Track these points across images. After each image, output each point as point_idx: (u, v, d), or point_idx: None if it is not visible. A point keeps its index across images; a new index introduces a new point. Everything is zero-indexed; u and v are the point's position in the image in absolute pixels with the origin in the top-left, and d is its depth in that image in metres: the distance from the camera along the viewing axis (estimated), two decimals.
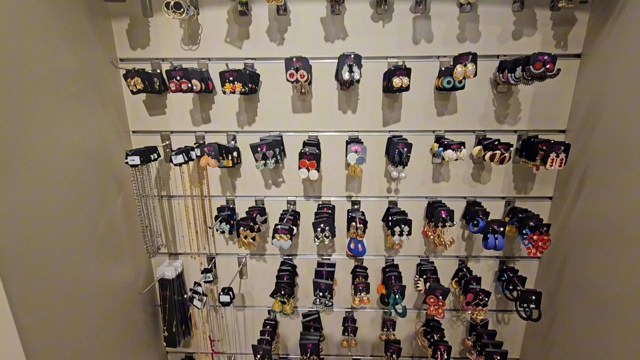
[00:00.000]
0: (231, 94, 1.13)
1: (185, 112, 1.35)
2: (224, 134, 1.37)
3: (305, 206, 1.45)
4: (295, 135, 1.36)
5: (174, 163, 1.19)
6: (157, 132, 1.38)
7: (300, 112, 1.34)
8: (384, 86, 1.27)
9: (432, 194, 1.41)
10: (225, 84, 1.09)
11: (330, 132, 1.35)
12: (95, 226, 1.16)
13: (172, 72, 1.11)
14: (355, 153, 1.12)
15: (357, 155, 1.12)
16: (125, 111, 1.36)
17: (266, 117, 1.34)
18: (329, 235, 1.21)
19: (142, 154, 1.18)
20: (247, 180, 1.42)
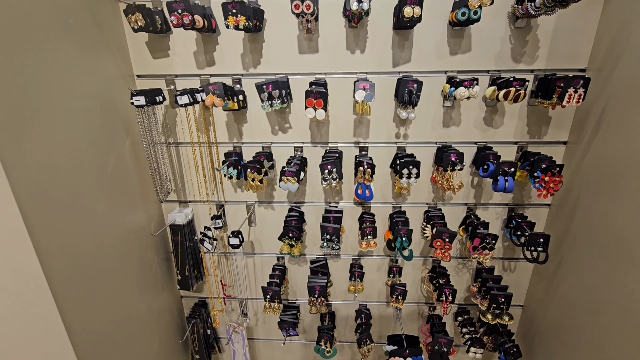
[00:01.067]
0: (235, 29, 1.09)
1: (189, 54, 1.32)
2: (229, 77, 1.34)
3: (313, 152, 1.43)
4: (301, 77, 1.32)
5: (179, 104, 1.18)
6: (162, 76, 1.36)
7: (306, 53, 1.29)
8: (394, 22, 1.21)
9: (442, 139, 1.38)
10: (229, 17, 1.05)
11: (338, 74, 1.31)
12: (105, 167, 1.17)
13: (172, 4, 1.07)
14: (364, 90, 1.09)
15: (365, 92, 1.09)
16: (129, 54, 1.33)
17: (272, 58, 1.30)
18: (336, 177, 1.21)
19: (147, 94, 1.17)
20: (254, 125, 1.40)
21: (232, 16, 1.05)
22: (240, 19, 1.05)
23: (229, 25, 1.07)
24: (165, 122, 1.40)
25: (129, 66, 1.33)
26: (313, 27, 1.20)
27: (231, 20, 1.05)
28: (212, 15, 1.23)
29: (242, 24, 1.06)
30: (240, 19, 1.05)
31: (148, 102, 1.17)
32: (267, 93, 1.13)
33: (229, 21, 1.06)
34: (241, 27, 1.07)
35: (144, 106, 1.17)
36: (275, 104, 1.15)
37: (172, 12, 1.07)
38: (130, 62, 1.34)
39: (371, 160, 1.32)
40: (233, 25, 1.06)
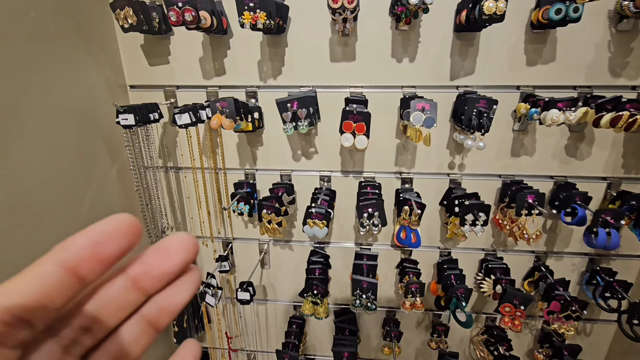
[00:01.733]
0: (252, 29, 0.82)
1: (194, 60, 1.06)
2: (242, 90, 1.07)
3: (343, 183, 1.15)
4: (333, 92, 1.05)
5: (178, 124, 0.92)
6: (160, 87, 1.10)
7: (340, 61, 1.02)
8: (457, 23, 0.93)
9: (509, 172, 1.09)
10: (244, 13, 0.79)
11: (379, 88, 1.03)
12: (79, 204, 0.91)
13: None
14: (422, 112, 0.81)
15: (424, 114, 0.81)
16: (120, 60, 1.08)
17: (296, 67, 1.04)
18: (378, 224, 0.92)
19: (137, 111, 0.91)
20: (271, 149, 1.13)
21: (249, 12, 0.79)
22: (260, 15, 0.78)
23: (244, 24, 0.80)
24: (163, 143, 1.14)
25: (119, 74, 1.08)
26: (351, 28, 0.93)
27: (247, 17, 0.79)
28: (223, 12, 0.97)
29: (261, 21, 0.79)
30: (260, 15, 0.78)
31: (139, 121, 0.91)
32: (292, 113, 0.85)
33: (245, 18, 0.79)
34: (260, 26, 0.80)
35: (134, 126, 0.91)
36: (301, 125, 0.87)
37: (170, 5, 0.81)
38: (121, 70, 1.09)
39: (419, 198, 1.03)
40: (250, 23, 0.80)
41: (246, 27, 0.80)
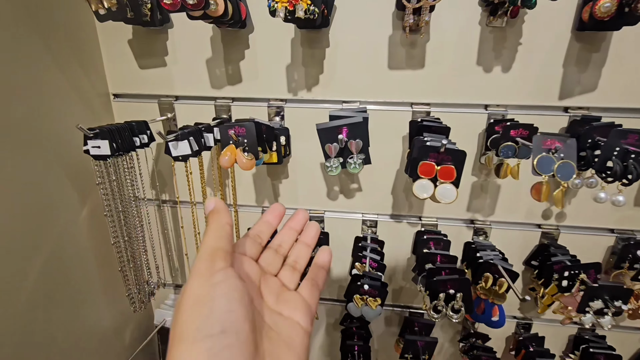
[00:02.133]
0: (285, 20, 0.54)
1: (199, 62, 0.78)
2: (264, 103, 0.79)
3: (393, 231, 0.86)
4: (389, 110, 0.76)
5: (173, 156, 0.64)
6: (153, 98, 0.82)
7: (402, 68, 0.73)
8: (581, 19, 0.64)
9: (624, 226, 0.79)
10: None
11: (455, 107, 0.74)
12: (28, 266, 0.63)
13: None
14: (553, 154, 0.51)
15: (557, 158, 0.51)
16: (101, 59, 0.80)
17: (339, 74, 0.75)
18: (460, 308, 0.63)
19: (115, 135, 0.63)
20: (299, 183, 0.85)
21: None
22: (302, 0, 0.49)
23: (276, 10, 0.51)
24: (155, 172, 0.87)
25: (100, 80, 0.80)
26: (423, 22, 0.64)
27: (282, 1, 0.50)
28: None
29: (302, 7, 0.51)
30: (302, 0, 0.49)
31: (117, 149, 0.63)
32: (340, 143, 0.57)
33: (278, 2, 0.51)
34: (300, 13, 0.52)
35: (109, 157, 0.63)
36: (353, 163, 0.59)
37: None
38: (102, 73, 0.81)
39: (507, 262, 0.74)
40: (285, 9, 0.51)
41: (278, 14, 0.51)
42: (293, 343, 0.26)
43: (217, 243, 0.26)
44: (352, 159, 0.59)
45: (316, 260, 0.36)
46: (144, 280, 0.78)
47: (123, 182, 0.68)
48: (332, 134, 0.57)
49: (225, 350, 0.20)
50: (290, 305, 0.29)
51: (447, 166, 0.55)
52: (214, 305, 0.21)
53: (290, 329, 0.27)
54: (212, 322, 0.20)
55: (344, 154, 0.60)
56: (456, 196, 0.57)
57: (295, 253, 0.36)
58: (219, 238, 0.26)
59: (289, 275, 0.33)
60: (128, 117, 0.82)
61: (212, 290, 0.22)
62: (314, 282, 0.34)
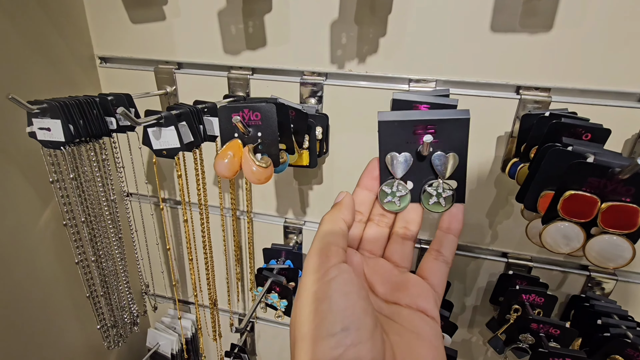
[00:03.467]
0: None
1: (209, 15, 0.55)
2: (296, 78, 0.55)
3: (463, 267, 0.62)
4: (483, 95, 0.50)
5: (154, 149, 0.42)
6: (149, 64, 0.61)
7: (514, 30, 0.46)
8: None
9: None
10: None
11: (598, 96, 0.47)
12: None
13: None
14: None
15: None
16: (83, 10, 0.60)
17: (410, 39, 0.49)
18: None
19: (74, 112, 0.43)
20: (336, 191, 0.62)
21: None
22: None
23: None
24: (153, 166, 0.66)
25: (82, 39, 0.60)
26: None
27: None
28: None
29: None
30: None
31: (78, 133, 0.43)
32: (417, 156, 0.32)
33: None
34: None
35: (65, 145, 0.42)
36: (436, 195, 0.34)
37: None
38: (85, 30, 0.61)
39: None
40: None
41: None
42: (423, 333, 0.23)
43: (330, 237, 0.24)
44: (436, 187, 0.34)
45: (441, 224, 0.28)
46: (124, 307, 0.59)
47: (91, 180, 0.48)
48: (402, 133, 0.33)
49: (350, 349, 0.19)
50: (407, 293, 0.25)
51: (622, 205, 0.30)
52: (332, 302, 0.20)
53: (415, 319, 0.24)
54: (332, 320, 0.19)
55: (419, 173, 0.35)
56: (632, 257, 0.31)
57: (404, 217, 0.29)
58: (331, 233, 0.24)
59: (399, 250, 0.28)
60: (118, 89, 0.62)
61: (328, 287, 0.21)
62: (438, 254, 0.27)
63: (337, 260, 0.22)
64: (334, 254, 0.23)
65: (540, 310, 0.53)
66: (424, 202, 0.34)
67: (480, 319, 0.64)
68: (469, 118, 0.30)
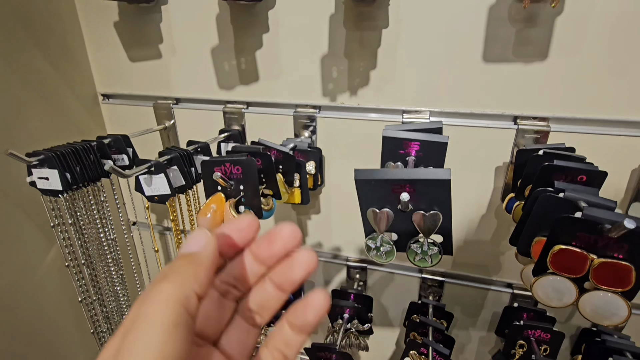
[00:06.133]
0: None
1: (203, 53, 0.56)
2: (290, 111, 0.55)
3: (464, 296, 0.60)
4: (478, 125, 0.48)
5: (147, 195, 0.43)
6: (149, 99, 0.63)
7: (507, 59, 0.45)
8: None
9: None
10: None
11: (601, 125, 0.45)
12: None
13: None
14: None
15: None
16: (85, 50, 0.62)
17: (401, 71, 0.49)
18: None
19: (70, 161, 0.44)
20: (335, 222, 0.61)
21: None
22: None
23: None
24: None
25: (85, 77, 0.62)
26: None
27: None
28: None
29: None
30: None
31: (75, 180, 0.44)
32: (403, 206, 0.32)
33: None
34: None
35: (63, 193, 0.44)
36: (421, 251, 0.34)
37: None
38: (88, 69, 0.63)
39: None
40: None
41: None
42: None
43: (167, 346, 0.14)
44: (420, 245, 0.34)
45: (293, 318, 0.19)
46: None
47: (88, 222, 0.49)
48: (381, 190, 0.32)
49: None
50: None
51: (614, 262, 0.28)
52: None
53: None
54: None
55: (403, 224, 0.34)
56: (627, 315, 0.29)
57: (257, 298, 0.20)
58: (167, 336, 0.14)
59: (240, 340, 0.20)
60: (121, 124, 0.65)
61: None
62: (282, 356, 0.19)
63: None
64: None
65: (547, 347, 0.51)
66: (410, 258, 0.34)
67: (485, 350, 0.62)
68: (449, 179, 0.29)
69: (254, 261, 0.19)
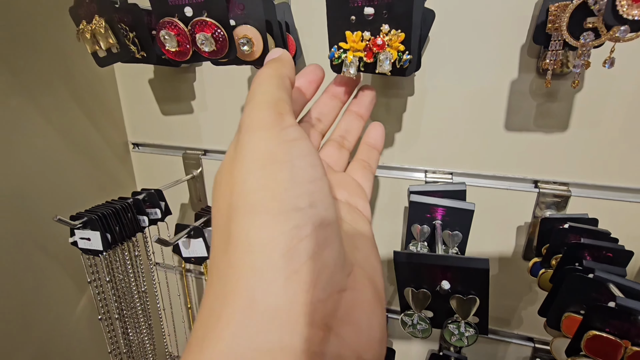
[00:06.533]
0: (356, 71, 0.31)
1: (233, 110, 0.59)
2: None
3: (487, 352, 0.60)
4: (499, 187, 0.50)
5: (184, 257, 0.45)
6: (178, 150, 0.65)
7: (529, 129, 0.47)
8: None
9: None
10: (342, 42, 0.28)
11: (617, 192, 0.47)
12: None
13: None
14: None
15: None
16: (119, 102, 0.65)
17: (425, 135, 0.51)
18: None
19: (112, 221, 0.46)
20: None
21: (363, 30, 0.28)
22: (392, 40, 0.27)
23: (342, 63, 0.29)
24: None
25: (118, 128, 0.65)
26: (583, 64, 0.37)
27: (356, 47, 0.28)
28: (290, 23, 0.48)
29: (390, 56, 0.28)
30: (392, 40, 0.27)
31: (114, 240, 0.46)
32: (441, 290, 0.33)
33: (346, 52, 0.29)
34: (386, 68, 0.29)
35: (103, 252, 0.46)
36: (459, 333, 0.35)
37: (162, 15, 0.34)
38: (122, 121, 0.66)
39: None
40: (358, 62, 0.29)
41: (349, 71, 0.29)
42: (363, 230, 0.21)
43: (279, 93, 0.18)
44: (457, 326, 0.35)
45: (366, 139, 0.29)
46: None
47: (124, 277, 0.51)
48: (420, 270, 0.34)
49: (319, 230, 0.14)
50: (344, 190, 0.23)
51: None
52: (294, 170, 0.15)
53: (355, 216, 0.22)
54: (297, 192, 0.14)
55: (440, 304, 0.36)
56: None
57: (342, 126, 0.28)
58: (279, 88, 0.18)
59: (335, 154, 0.26)
60: (149, 170, 0.67)
61: (288, 150, 0.15)
62: (366, 164, 0.27)
63: (293, 122, 0.17)
64: (289, 112, 0.17)
65: None
66: (446, 337, 0.35)
67: None
68: (487, 269, 0.30)
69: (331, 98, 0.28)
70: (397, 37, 0.28)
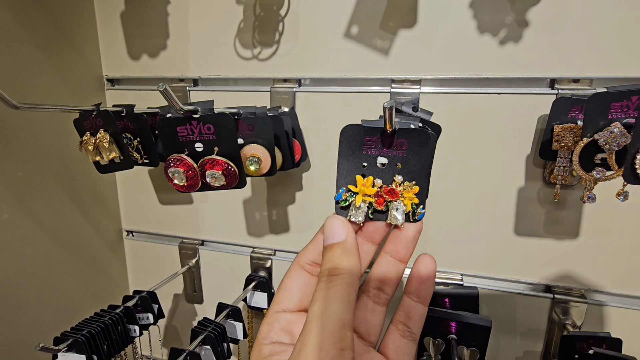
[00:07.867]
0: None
1: (235, 205, 0.57)
2: None
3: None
4: (513, 291, 0.48)
5: None
6: (175, 239, 0.63)
7: (539, 235, 0.46)
8: None
9: None
10: (352, 186, 0.27)
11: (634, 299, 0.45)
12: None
13: None
14: None
15: None
16: (115, 187, 0.63)
17: (435, 242, 0.50)
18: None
19: (99, 340, 0.42)
20: None
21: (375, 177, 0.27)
22: (407, 189, 0.26)
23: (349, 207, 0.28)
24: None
25: (112, 216, 0.63)
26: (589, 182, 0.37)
27: (367, 190, 0.28)
28: (297, 129, 0.48)
29: (403, 208, 0.27)
30: (407, 189, 0.26)
31: (103, 358, 0.42)
32: None
33: (358, 194, 0.28)
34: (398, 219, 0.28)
35: None
36: None
37: (171, 147, 0.33)
38: (118, 210, 0.64)
39: None
40: (367, 208, 0.28)
41: (356, 216, 0.28)
42: None
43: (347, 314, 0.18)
44: None
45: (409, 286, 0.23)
46: None
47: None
48: None
49: None
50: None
51: None
52: None
53: None
54: None
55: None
56: None
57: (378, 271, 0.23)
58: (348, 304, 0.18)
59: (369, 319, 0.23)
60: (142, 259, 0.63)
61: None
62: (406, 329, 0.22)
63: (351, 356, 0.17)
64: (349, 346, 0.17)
65: None
66: None
67: None
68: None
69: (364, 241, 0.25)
70: (411, 189, 0.27)
